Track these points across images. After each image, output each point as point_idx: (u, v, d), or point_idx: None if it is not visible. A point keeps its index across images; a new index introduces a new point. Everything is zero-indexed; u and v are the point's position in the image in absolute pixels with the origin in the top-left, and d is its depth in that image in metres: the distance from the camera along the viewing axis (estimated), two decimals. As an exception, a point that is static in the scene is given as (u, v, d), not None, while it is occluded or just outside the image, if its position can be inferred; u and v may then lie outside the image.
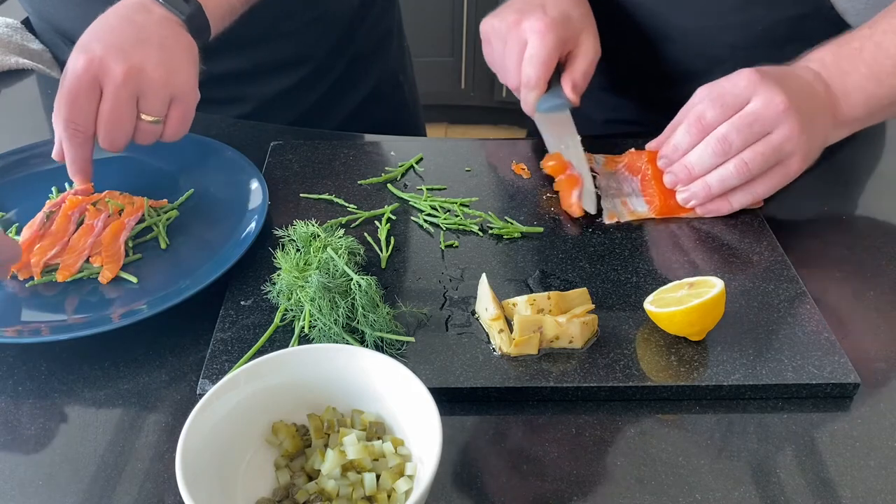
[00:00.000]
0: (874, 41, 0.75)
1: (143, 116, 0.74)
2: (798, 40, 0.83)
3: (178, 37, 0.76)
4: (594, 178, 0.86)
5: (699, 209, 0.79)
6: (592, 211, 0.80)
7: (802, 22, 0.85)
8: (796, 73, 0.76)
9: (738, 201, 0.77)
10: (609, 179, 0.86)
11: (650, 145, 0.83)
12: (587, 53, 0.84)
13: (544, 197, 0.83)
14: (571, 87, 0.83)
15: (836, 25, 0.83)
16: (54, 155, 0.76)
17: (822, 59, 0.77)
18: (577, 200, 0.80)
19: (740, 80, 0.73)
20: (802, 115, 0.72)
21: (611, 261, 0.75)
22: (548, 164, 0.85)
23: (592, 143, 0.91)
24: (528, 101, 0.83)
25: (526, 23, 0.81)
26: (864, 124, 0.79)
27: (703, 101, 0.75)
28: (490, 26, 0.86)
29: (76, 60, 0.71)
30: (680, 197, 0.79)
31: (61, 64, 1.11)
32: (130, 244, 0.77)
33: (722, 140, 0.73)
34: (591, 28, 0.86)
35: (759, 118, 0.72)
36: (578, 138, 0.86)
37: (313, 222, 0.72)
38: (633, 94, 1.04)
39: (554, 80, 0.84)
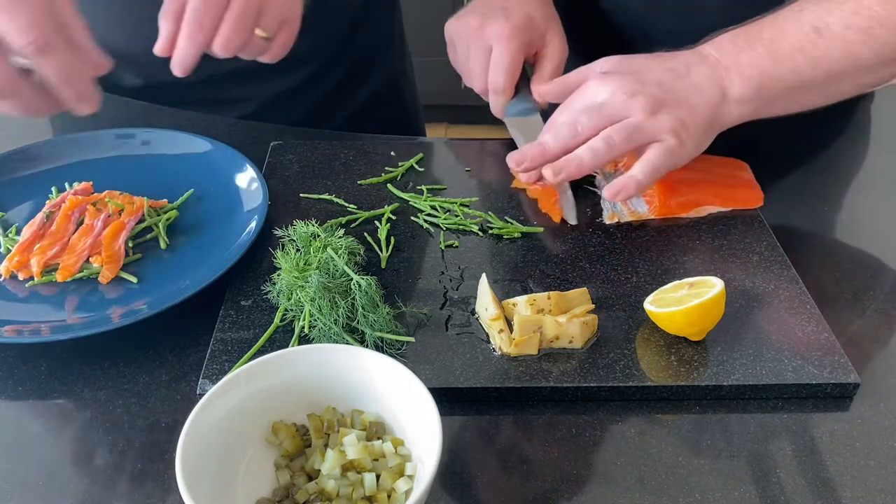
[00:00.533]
0: (775, 24, 0.74)
1: (258, 32, 0.74)
2: None
3: None
4: (594, 177, 0.86)
5: (605, 193, 0.76)
6: (573, 221, 0.80)
7: None
8: (662, 56, 0.76)
9: (641, 171, 0.73)
10: (609, 179, 0.85)
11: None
12: (554, 55, 0.84)
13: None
14: (540, 94, 0.83)
15: None
16: (159, 50, 0.74)
17: (718, 42, 0.76)
18: (559, 208, 0.80)
19: (589, 82, 0.75)
20: (658, 96, 0.72)
21: (611, 261, 0.75)
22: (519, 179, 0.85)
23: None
24: (497, 106, 0.84)
25: (489, 28, 0.82)
26: (768, 106, 0.76)
27: (558, 114, 0.76)
28: (454, 30, 0.86)
29: None
30: (548, 173, 0.74)
31: None
32: (130, 244, 0.77)
33: (569, 123, 0.73)
34: (556, 26, 0.85)
35: (609, 107, 0.72)
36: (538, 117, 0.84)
37: (313, 222, 0.72)
38: None
39: (522, 83, 0.84)
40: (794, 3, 0.75)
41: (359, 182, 0.86)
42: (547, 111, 0.83)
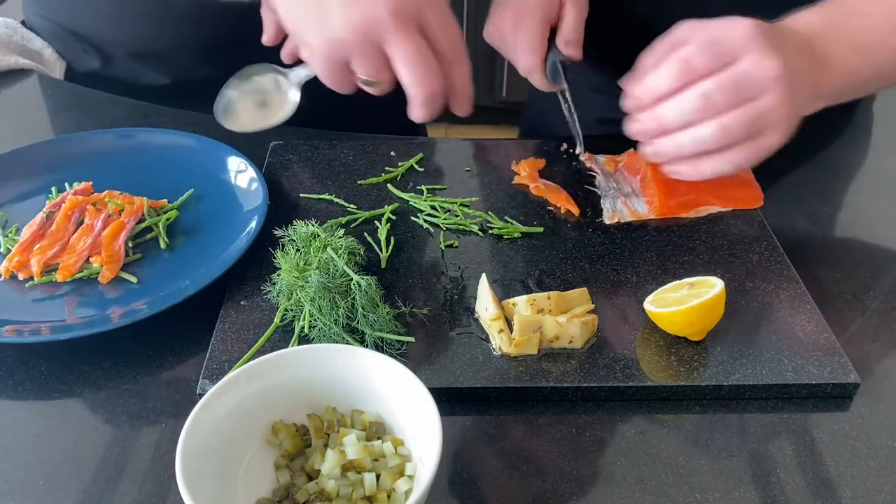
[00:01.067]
0: (860, 12, 0.71)
1: None
2: None
3: None
4: (593, 177, 0.86)
5: (666, 168, 0.73)
6: (581, 150, 0.82)
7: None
8: (790, 36, 0.69)
9: (710, 168, 0.69)
10: (609, 179, 0.86)
11: (624, 82, 0.76)
12: (572, 8, 0.82)
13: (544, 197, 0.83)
14: (564, 44, 0.82)
15: None
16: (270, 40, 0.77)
17: (811, 24, 0.71)
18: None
19: (736, 31, 0.66)
20: (791, 85, 0.66)
21: (611, 261, 0.75)
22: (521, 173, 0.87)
23: (591, 144, 0.91)
24: (536, 83, 0.84)
25: (507, 18, 0.82)
26: (837, 99, 0.74)
27: (691, 42, 0.67)
28: (489, 34, 0.87)
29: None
30: (647, 150, 0.72)
31: (66, 60, 1.10)
32: (130, 244, 0.77)
33: (704, 97, 0.66)
34: None
35: (750, 80, 0.65)
36: (566, 87, 0.83)
37: (313, 222, 0.72)
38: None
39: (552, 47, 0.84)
40: None
41: (359, 182, 0.86)
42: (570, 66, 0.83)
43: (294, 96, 0.77)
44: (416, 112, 0.70)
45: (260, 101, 0.79)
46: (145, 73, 1.02)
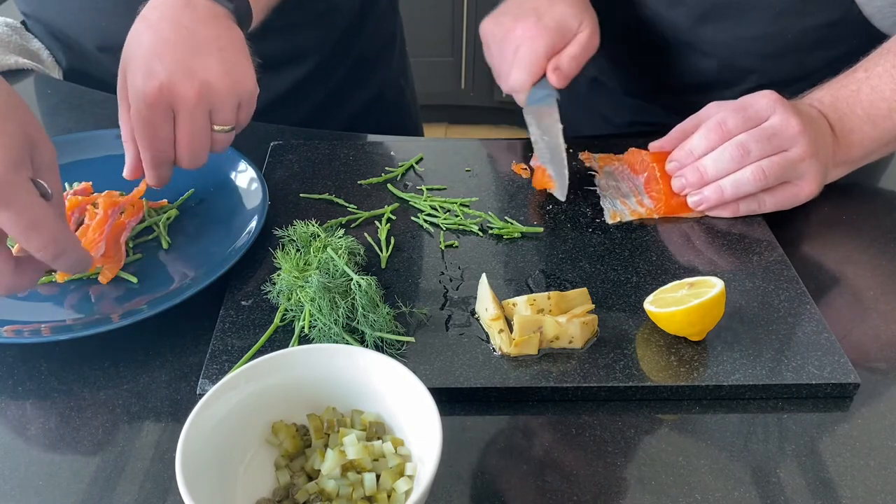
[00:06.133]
0: (870, 84, 0.77)
1: (217, 128, 0.71)
2: (825, 47, 0.86)
3: (230, 33, 0.72)
4: (593, 176, 0.86)
5: (706, 209, 0.80)
6: (561, 198, 0.81)
7: (831, 28, 0.86)
8: (805, 107, 0.78)
9: (746, 207, 0.78)
10: (608, 179, 0.86)
11: (654, 146, 0.83)
12: (580, 41, 0.84)
13: (545, 197, 0.83)
14: (553, 68, 0.83)
15: (863, 30, 0.85)
16: (128, 174, 0.72)
17: (821, 100, 0.79)
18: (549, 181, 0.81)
19: (761, 98, 0.75)
20: (814, 141, 0.74)
21: (611, 261, 0.75)
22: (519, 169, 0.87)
23: (597, 143, 0.91)
24: (519, 101, 0.85)
25: (519, 30, 0.83)
26: (857, 165, 0.81)
27: (723, 110, 0.76)
28: (488, 31, 0.87)
29: (145, 86, 0.67)
30: (691, 200, 0.79)
31: (60, 65, 1.11)
32: (130, 244, 0.77)
33: (740, 146, 0.74)
34: (590, 22, 0.85)
35: (778, 134, 0.73)
36: (560, 126, 0.84)
37: (313, 222, 0.72)
38: (658, 100, 1.05)
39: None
40: (882, 57, 0.77)
41: (359, 182, 0.86)
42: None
43: None
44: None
45: None
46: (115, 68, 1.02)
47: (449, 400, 0.61)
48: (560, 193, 0.81)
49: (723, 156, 0.75)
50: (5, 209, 0.53)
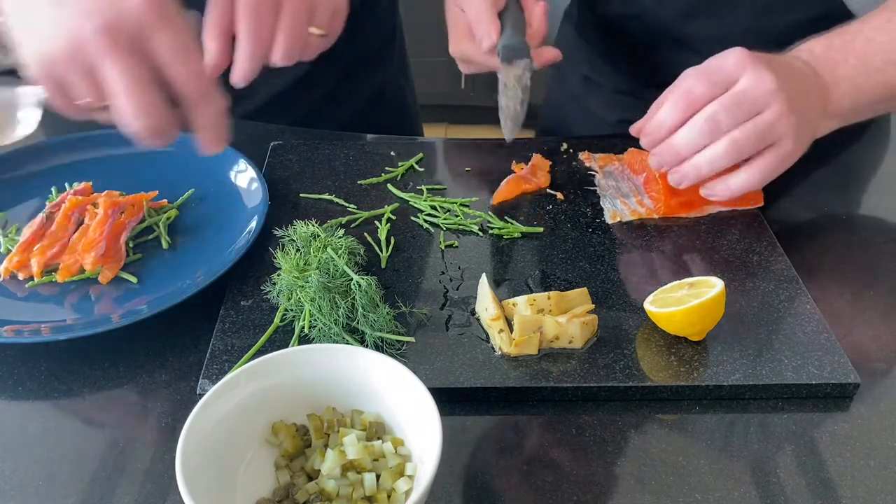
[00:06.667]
0: (865, 35, 0.75)
1: (313, 30, 0.70)
2: None
3: None
4: (593, 176, 0.86)
5: (702, 192, 0.77)
6: (508, 138, 0.81)
7: (817, 24, 0.86)
8: (786, 59, 0.75)
9: (737, 184, 0.74)
10: (608, 179, 0.86)
11: (634, 127, 0.80)
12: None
13: (545, 197, 0.83)
14: (532, 32, 0.82)
15: None
16: (213, 69, 0.65)
17: (811, 50, 0.76)
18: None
19: (728, 59, 0.71)
20: (792, 96, 0.70)
21: (611, 261, 0.75)
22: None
23: (597, 143, 0.91)
24: (488, 49, 0.81)
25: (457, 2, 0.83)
26: (851, 118, 0.78)
27: (689, 76, 0.73)
28: (447, 21, 0.87)
29: None
30: (672, 178, 0.76)
31: None
32: (130, 244, 0.77)
33: (709, 119, 0.71)
34: None
35: (749, 97, 0.70)
36: (528, 61, 0.81)
37: (313, 222, 0.72)
38: (648, 96, 1.05)
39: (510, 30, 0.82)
40: (880, 12, 0.76)
41: (359, 182, 0.86)
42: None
43: (32, 115, 0.67)
44: (139, 143, 0.61)
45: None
46: None
47: (449, 400, 0.61)
48: (507, 131, 0.80)
49: (693, 132, 0.72)
50: (166, 27, 0.56)
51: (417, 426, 0.54)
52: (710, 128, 0.71)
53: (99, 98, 0.58)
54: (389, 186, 0.85)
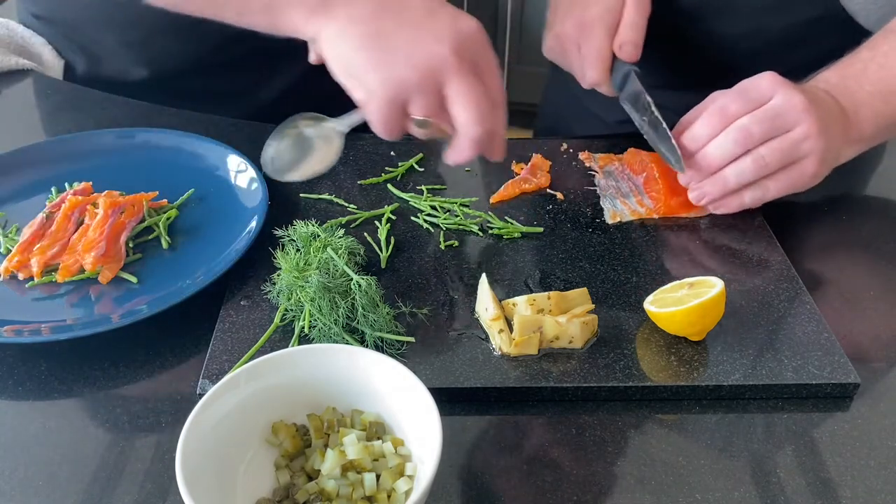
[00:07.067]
0: (877, 62, 0.76)
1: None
2: (810, 43, 0.85)
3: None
4: (593, 176, 0.86)
5: (711, 206, 0.78)
6: (680, 170, 0.77)
7: (814, 25, 0.86)
8: (810, 87, 0.77)
9: (750, 198, 0.76)
10: (608, 179, 0.86)
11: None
12: (630, 6, 0.83)
13: (545, 197, 0.83)
14: (618, 46, 0.82)
15: (847, 27, 0.84)
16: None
17: (827, 80, 0.78)
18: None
19: (762, 81, 0.74)
20: (820, 117, 0.72)
21: (611, 261, 0.75)
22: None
23: (597, 143, 0.91)
24: (605, 92, 0.85)
25: (570, 31, 0.83)
26: (871, 143, 0.80)
27: (724, 95, 0.75)
28: (550, 49, 0.87)
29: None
30: (692, 195, 0.78)
31: (64, 59, 1.10)
32: (130, 244, 0.77)
33: (742, 129, 0.72)
34: None
35: (781, 114, 0.72)
36: (647, 99, 0.80)
37: (313, 222, 0.72)
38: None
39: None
40: (885, 37, 0.77)
41: (359, 182, 0.86)
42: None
43: (340, 142, 0.74)
44: (462, 153, 0.68)
45: (304, 150, 0.76)
46: (134, 66, 1.01)
47: (449, 400, 0.61)
48: (677, 166, 0.77)
49: (726, 140, 0.73)
50: (489, 47, 0.66)
51: (417, 426, 0.54)
52: (743, 137, 0.72)
53: (435, 114, 0.66)
54: (389, 186, 0.85)
